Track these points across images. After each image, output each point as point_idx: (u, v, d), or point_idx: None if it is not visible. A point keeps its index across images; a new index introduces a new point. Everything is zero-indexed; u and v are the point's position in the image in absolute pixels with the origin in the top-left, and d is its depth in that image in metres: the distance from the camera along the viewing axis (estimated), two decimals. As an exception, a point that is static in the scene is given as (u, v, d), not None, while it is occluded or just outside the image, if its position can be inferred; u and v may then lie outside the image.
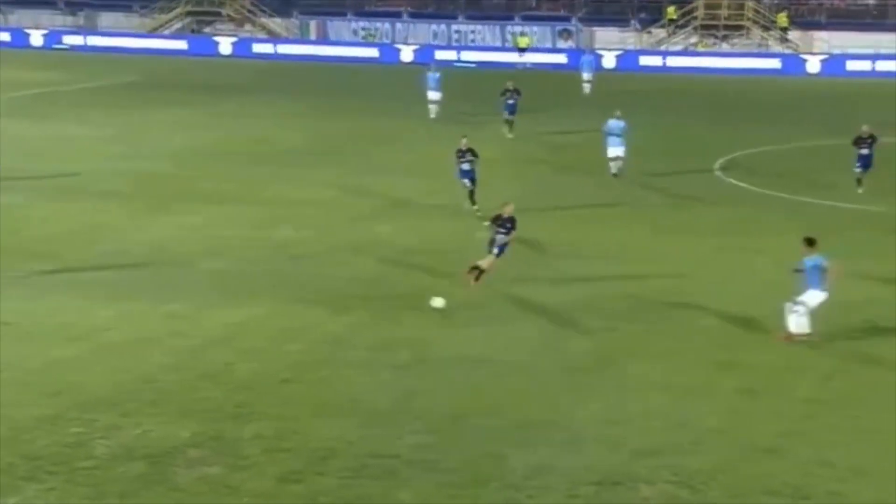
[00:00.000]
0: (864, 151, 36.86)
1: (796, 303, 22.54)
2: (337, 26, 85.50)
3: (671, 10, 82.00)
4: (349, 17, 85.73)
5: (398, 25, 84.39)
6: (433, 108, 52.76)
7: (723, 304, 25.14)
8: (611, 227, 32.67)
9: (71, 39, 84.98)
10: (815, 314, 22.62)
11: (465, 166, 33.18)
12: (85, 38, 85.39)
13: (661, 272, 27.78)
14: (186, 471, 17.00)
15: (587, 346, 22.76)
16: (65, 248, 29.07)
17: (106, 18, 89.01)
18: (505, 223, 26.12)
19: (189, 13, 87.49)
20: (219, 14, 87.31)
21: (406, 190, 37.33)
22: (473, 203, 32.87)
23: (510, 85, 48.86)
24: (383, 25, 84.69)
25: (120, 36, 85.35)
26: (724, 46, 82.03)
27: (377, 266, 28.50)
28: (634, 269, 28.12)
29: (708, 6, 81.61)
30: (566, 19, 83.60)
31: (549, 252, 29.10)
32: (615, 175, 38.56)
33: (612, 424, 18.91)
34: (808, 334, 22.53)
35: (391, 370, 21.41)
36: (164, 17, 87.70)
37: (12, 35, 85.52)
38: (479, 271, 25.90)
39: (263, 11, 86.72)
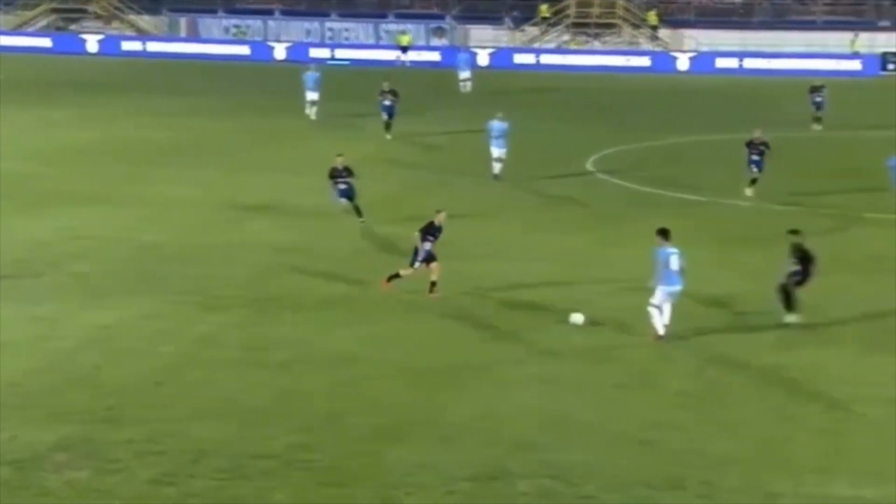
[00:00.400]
0: (755, 157, 36.26)
1: (651, 304, 22.77)
2: (207, 23, 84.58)
3: (544, 9, 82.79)
4: (220, 14, 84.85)
5: (270, 23, 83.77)
6: (313, 109, 51.75)
7: (599, 300, 25.38)
8: (489, 226, 32.75)
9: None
10: (674, 308, 22.76)
11: (342, 186, 31.82)
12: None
13: (539, 270, 27.96)
14: (54, 475, 16.68)
15: (465, 345, 22.80)
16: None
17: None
18: (436, 231, 25.59)
19: (54, 10, 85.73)
20: (85, 11, 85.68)
21: (281, 189, 37.04)
22: (360, 216, 32.02)
23: (386, 86, 48.05)
24: (255, 23, 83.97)
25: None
26: (596, 44, 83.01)
27: (252, 265, 28.24)
28: (513, 267, 28.24)
29: (580, 4, 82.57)
30: (440, 17, 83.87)
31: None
32: (496, 176, 38.54)
33: (489, 421, 18.98)
34: (660, 336, 22.64)
35: (267, 370, 21.21)
36: (28, 13, 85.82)
37: None
38: (395, 276, 25.56)
39: (131, 8, 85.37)
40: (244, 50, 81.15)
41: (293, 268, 27.98)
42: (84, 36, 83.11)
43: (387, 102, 47.43)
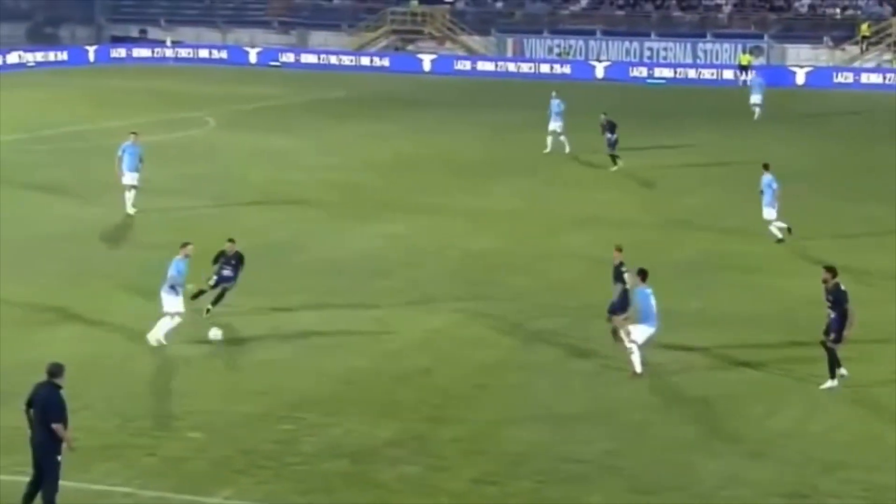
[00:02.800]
0: None
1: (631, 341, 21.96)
2: (532, 43, 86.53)
3: (864, 27, 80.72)
4: (545, 34, 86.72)
5: (591, 43, 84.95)
6: (552, 140, 46.81)
7: None
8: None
9: (284, 57, 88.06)
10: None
11: (226, 272, 25.43)
12: (297, 55, 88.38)
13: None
14: (388, 469, 17.79)
15: (772, 362, 22.93)
16: (271, 255, 30.14)
17: (316, 37, 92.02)
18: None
19: (393, 31, 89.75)
20: (421, 32, 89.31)
21: (592, 204, 37.69)
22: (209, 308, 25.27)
23: (603, 119, 44.15)
24: (577, 42, 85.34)
25: (329, 53, 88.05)
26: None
27: (570, 275, 29.00)
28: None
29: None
30: (758, 36, 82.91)
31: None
32: (779, 240, 32.46)
33: (799, 439, 19.16)
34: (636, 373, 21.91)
35: (581, 377, 22.01)
36: (370, 35, 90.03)
37: (230, 52, 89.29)
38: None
39: (463, 30, 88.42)
40: (566, 69, 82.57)
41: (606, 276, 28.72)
42: (420, 56, 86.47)
43: (608, 135, 43.50)
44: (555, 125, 46.79)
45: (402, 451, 18.46)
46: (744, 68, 77.80)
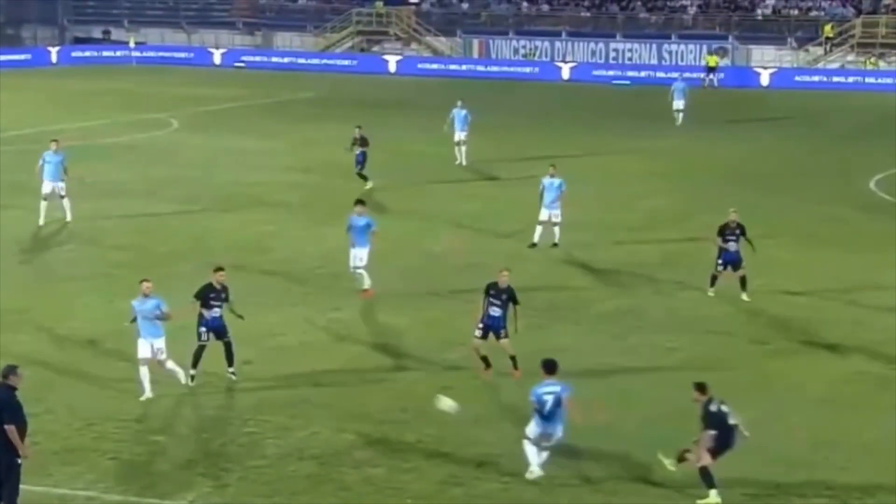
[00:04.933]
0: None
1: None
2: (498, 45, 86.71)
3: (828, 28, 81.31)
4: (510, 35, 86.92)
5: (557, 44, 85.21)
6: (461, 150, 45.57)
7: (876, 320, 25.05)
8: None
9: (249, 58, 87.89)
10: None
11: (215, 313, 21.73)
12: (262, 56, 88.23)
13: (815, 288, 27.76)
14: (353, 471, 17.75)
15: (742, 359, 23.01)
16: (240, 257, 30.05)
17: (281, 38, 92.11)
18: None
19: (359, 32, 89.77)
20: (386, 33, 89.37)
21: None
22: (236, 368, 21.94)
23: (357, 133, 40.79)
24: (543, 44, 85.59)
25: (294, 55, 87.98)
26: (882, 64, 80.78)
27: (533, 274, 28.85)
28: (788, 281, 28.21)
29: (865, 24, 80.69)
30: (722, 37, 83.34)
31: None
32: (555, 244, 31.96)
33: (765, 437, 19.19)
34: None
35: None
36: (336, 36, 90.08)
37: (194, 53, 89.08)
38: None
39: (428, 31, 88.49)
40: (532, 69, 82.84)
41: (572, 277, 28.82)
42: (385, 57, 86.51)
43: (357, 152, 40.62)
44: (460, 135, 45.44)
45: (368, 452, 18.43)
46: (711, 69, 78.22)
